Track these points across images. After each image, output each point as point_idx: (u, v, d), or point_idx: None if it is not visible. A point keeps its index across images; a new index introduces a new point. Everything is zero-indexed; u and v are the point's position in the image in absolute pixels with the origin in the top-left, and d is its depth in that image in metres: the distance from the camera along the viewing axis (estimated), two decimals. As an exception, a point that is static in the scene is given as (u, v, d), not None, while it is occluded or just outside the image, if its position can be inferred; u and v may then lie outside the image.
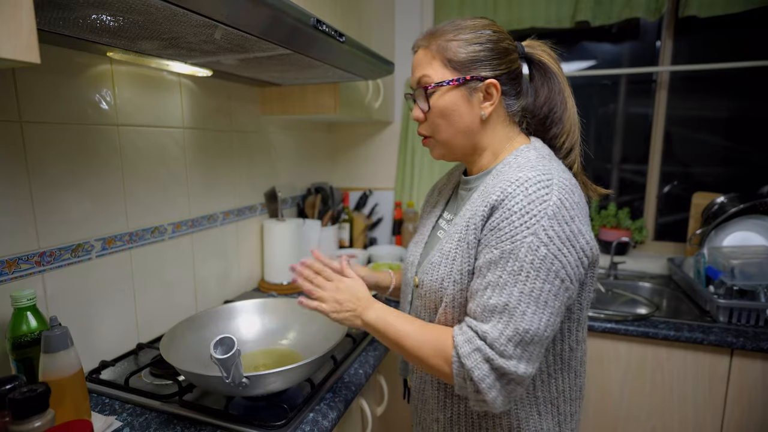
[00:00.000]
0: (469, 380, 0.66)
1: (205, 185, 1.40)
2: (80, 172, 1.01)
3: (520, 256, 0.65)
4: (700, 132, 1.90)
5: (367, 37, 1.62)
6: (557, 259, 0.65)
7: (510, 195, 0.67)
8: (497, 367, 0.65)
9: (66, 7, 0.67)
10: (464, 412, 0.79)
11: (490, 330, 0.65)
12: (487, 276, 0.68)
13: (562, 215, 0.66)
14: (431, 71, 0.77)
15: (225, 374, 0.76)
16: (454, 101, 0.76)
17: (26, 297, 0.81)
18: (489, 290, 0.67)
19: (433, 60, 0.77)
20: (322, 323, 1.07)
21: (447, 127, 0.78)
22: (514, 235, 0.66)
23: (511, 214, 0.67)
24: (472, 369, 0.65)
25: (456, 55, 0.75)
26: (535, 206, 0.65)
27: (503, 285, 0.66)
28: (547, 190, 0.66)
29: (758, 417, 1.32)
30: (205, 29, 0.81)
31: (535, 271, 0.65)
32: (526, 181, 0.68)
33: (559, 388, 0.79)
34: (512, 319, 0.65)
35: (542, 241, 0.64)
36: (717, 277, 1.47)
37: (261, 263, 1.71)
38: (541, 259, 0.64)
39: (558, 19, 1.83)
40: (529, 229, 0.65)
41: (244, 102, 1.56)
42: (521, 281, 0.65)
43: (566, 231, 0.66)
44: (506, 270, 0.66)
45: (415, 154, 2.05)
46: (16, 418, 0.63)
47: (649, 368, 1.41)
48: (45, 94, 0.93)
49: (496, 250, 0.67)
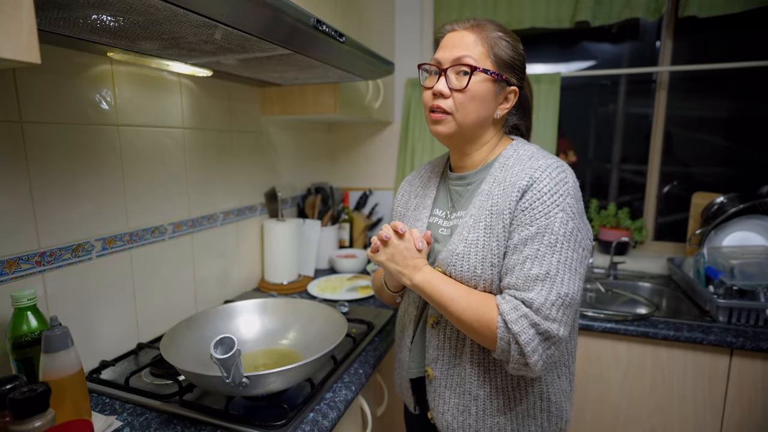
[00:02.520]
0: (515, 344, 0.72)
1: (205, 185, 1.40)
2: (80, 172, 1.01)
3: (555, 230, 0.74)
4: (700, 132, 1.90)
5: (367, 37, 1.62)
6: (580, 231, 0.76)
7: (538, 179, 0.77)
8: (543, 330, 0.72)
9: (66, 7, 0.67)
10: (502, 383, 0.84)
11: (535, 296, 0.72)
12: (524, 251, 0.75)
13: (578, 194, 0.79)
14: (476, 55, 0.81)
15: (225, 374, 0.76)
16: (487, 91, 0.82)
17: (26, 297, 0.81)
18: (528, 262, 0.74)
19: (479, 46, 0.81)
20: (323, 323, 1.07)
21: (473, 110, 0.83)
22: (547, 213, 0.75)
23: (541, 195, 0.76)
24: (519, 333, 0.71)
25: (501, 53, 0.82)
26: (560, 187, 0.76)
27: (542, 256, 0.74)
28: (565, 174, 0.78)
29: (758, 417, 1.32)
30: (205, 29, 0.81)
31: (567, 242, 0.74)
32: (548, 167, 0.78)
33: (569, 349, 0.88)
34: (554, 286, 0.72)
35: (570, 215, 0.75)
36: (717, 277, 1.47)
37: (261, 263, 1.71)
38: (570, 231, 0.75)
39: (558, 19, 1.82)
40: (559, 206, 0.75)
41: (244, 102, 1.56)
42: (557, 251, 0.74)
43: (580, 208, 0.78)
44: (543, 243, 0.74)
45: (415, 154, 2.05)
46: (16, 418, 0.63)
47: (648, 368, 1.41)
48: (45, 94, 0.93)
49: (532, 227, 0.75)
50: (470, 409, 0.86)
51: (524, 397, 0.84)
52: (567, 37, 2.00)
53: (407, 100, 2.05)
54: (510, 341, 0.73)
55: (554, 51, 2.05)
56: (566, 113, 1.98)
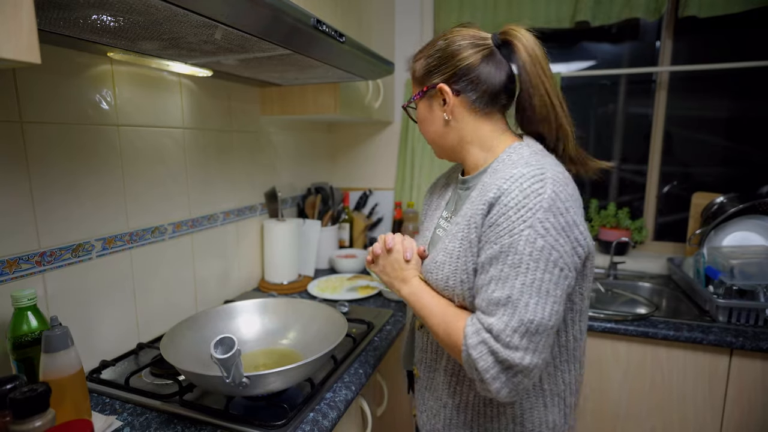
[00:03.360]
0: (474, 370, 0.69)
1: (205, 185, 1.40)
2: (80, 172, 1.01)
3: (519, 249, 0.67)
4: (700, 132, 1.90)
5: (367, 37, 1.62)
6: (554, 249, 0.67)
7: (506, 191, 0.69)
8: (502, 359, 0.66)
9: (66, 7, 0.67)
10: (473, 398, 0.82)
11: (495, 322, 0.67)
12: (490, 271, 0.70)
13: (557, 207, 0.67)
14: (411, 90, 0.89)
15: (225, 374, 0.76)
16: (421, 112, 0.87)
17: (27, 297, 0.81)
18: (492, 284, 0.69)
19: (411, 80, 0.90)
20: (323, 323, 1.07)
21: (425, 133, 0.89)
22: (511, 230, 0.67)
23: (507, 210, 0.68)
24: (477, 359, 0.68)
25: (417, 72, 0.86)
26: (531, 200, 0.67)
27: (505, 278, 0.67)
28: (542, 183, 0.68)
29: (758, 417, 1.32)
30: (205, 29, 0.81)
31: (534, 262, 0.66)
32: (520, 176, 0.69)
33: (566, 380, 0.80)
34: (516, 311, 0.66)
35: (539, 233, 0.66)
36: (716, 277, 1.47)
37: (261, 263, 1.71)
38: (539, 250, 0.66)
39: (558, 19, 1.83)
40: (525, 222, 0.67)
41: (244, 102, 1.56)
42: (522, 273, 0.66)
43: (561, 222, 0.67)
44: (507, 263, 0.68)
45: (415, 154, 2.05)
46: (16, 418, 0.63)
47: (648, 368, 1.41)
48: (45, 94, 0.93)
49: (496, 245, 0.69)
50: (440, 415, 0.86)
51: (495, 417, 0.80)
52: (567, 37, 2.00)
53: (407, 100, 2.04)
54: (471, 366, 0.70)
55: (554, 51, 2.05)
56: (566, 113, 1.97)
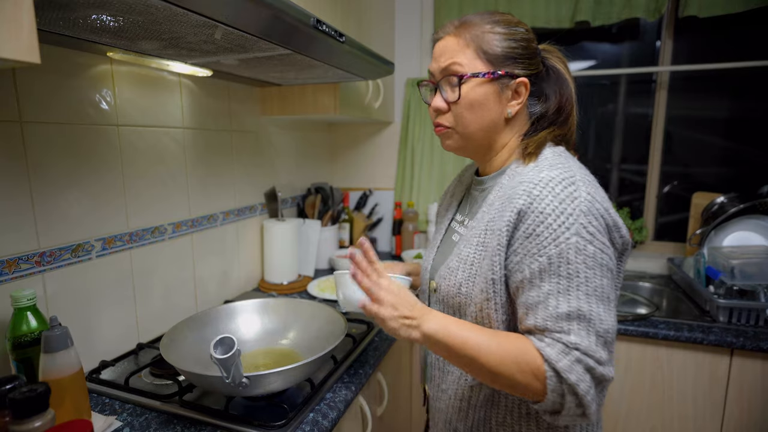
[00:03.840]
0: (572, 395, 0.60)
1: (205, 185, 1.40)
2: (80, 172, 1.01)
3: (571, 258, 0.62)
4: (700, 132, 1.90)
5: (367, 37, 1.62)
6: (604, 252, 0.64)
7: (537, 197, 0.65)
8: (598, 375, 0.61)
9: (66, 7, 0.67)
10: (483, 420, 0.76)
11: (577, 340, 0.61)
12: (543, 286, 0.63)
13: (596, 209, 0.64)
14: (463, 60, 0.73)
15: (225, 374, 0.76)
16: (485, 94, 0.74)
17: (26, 297, 0.81)
18: (552, 299, 0.63)
19: (466, 48, 0.73)
20: (323, 323, 1.07)
21: (473, 120, 0.75)
22: (556, 238, 0.63)
23: (545, 218, 0.64)
24: (576, 383, 0.60)
25: (492, 48, 0.73)
26: (567, 205, 0.63)
27: (565, 291, 0.62)
28: (574, 187, 0.65)
29: (758, 417, 1.32)
30: (205, 29, 0.81)
31: (590, 269, 0.62)
32: (550, 180, 0.65)
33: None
34: (591, 324, 0.61)
35: (586, 239, 0.63)
36: (717, 277, 1.47)
37: (261, 263, 1.71)
38: (591, 256, 0.63)
39: (558, 19, 1.83)
40: (569, 229, 0.62)
41: (244, 102, 1.56)
42: (582, 283, 0.62)
43: (603, 224, 0.65)
44: (561, 275, 0.62)
45: (415, 154, 2.05)
46: (16, 418, 0.63)
47: (648, 368, 1.41)
48: (45, 94, 0.93)
49: (542, 257, 0.63)
50: None
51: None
52: (567, 37, 1.99)
53: (407, 100, 2.04)
54: (565, 393, 0.60)
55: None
56: (566, 113, 1.97)
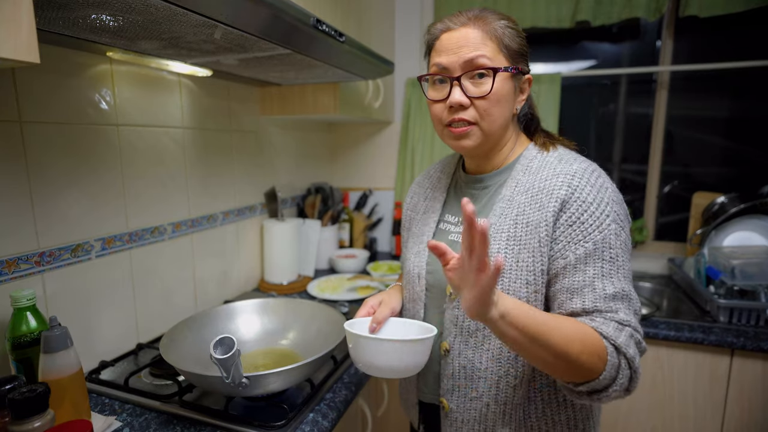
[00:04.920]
0: (627, 368, 0.66)
1: (205, 185, 1.40)
2: (80, 172, 1.01)
3: (612, 243, 0.68)
4: (700, 132, 1.90)
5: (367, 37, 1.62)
6: (629, 237, 0.72)
7: (578, 188, 0.70)
8: (643, 348, 0.68)
9: (66, 7, 0.67)
10: (524, 419, 0.76)
11: (626, 318, 0.67)
12: (588, 270, 0.68)
13: (620, 198, 0.73)
14: (489, 53, 0.71)
15: (225, 374, 0.76)
16: (509, 89, 0.74)
17: (26, 297, 0.81)
18: (598, 282, 0.68)
19: (489, 41, 0.71)
20: (323, 323, 1.07)
21: (500, 115, 0.74)
22: (599, 225, 0.68)
23: (588, 206, 0.69)
24: (633, 357, 0.65)
25: (511, 44, 0.73)
26: (603, 194, 0.70)
27: (609, 274, 0.68)
28: (602, 179, 0.72)
29: (758, 417, 1.32)
30: (205, 29, 0.81)
31: (624, 253, 0.70)
32: (584, 171, 0.71)
33: None
34: (631, 303, 0.68)
35: (621, 225, 0.70)
36: (717, 277, 1.47)
37: (261, 263, 1.71)
38: (623, 241, 0.70)
39: (558, 19, 1.82)
40: (609, 216, 0.69)
41: (244, 102, 1.56)
42: (620, 266, 0.69)
43: (625, 211, 0.73)
44: (605, 259, 0.68)
45: (415, 154, 2.05)
46: (15, 418, 0.63)
47: (649, 368, 1.41)
48: (45, 94, 0.93)
49: (587, 243, 0.68)
50: None
51: (551, 427, 0.76)
52: (567, 37, 1.99)
53: (407, 100, 2.04)
54: (621, 367, 0.64)
55: (554, 51, 2.05)
56: (567, 113, 1.97)
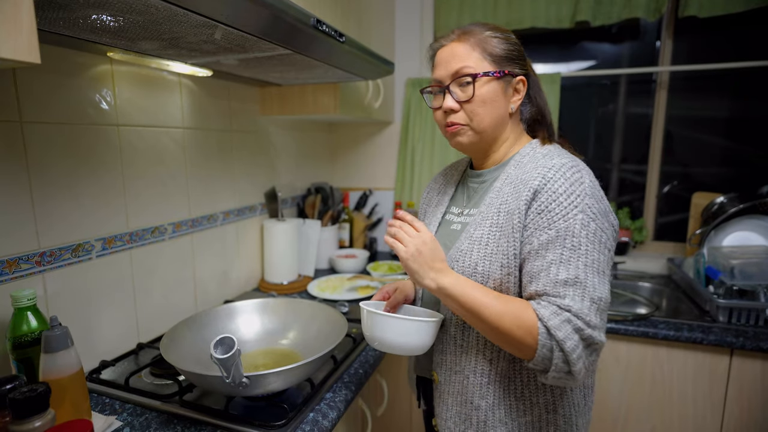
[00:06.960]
0: (559, 351, 0.68)
1: (205, 185, 1.40)
2: (80, 172, 1.01)
3: (576, 232, 0.71)
4: (700, 132, 1.90)
5: (367, 37, 1.62)
6: (603, 231, 0.73)
7: (551, 179, 0.74)
8: (586, 336, 0.68)
9: (66, 7, 0.67)
10: (503, 395, 0.81)
11: (570, 303, 0.69)
12: (547, 256, 0.72)
13: (596, 194, 0.75)
14: (472, 63, 0.81)
15: (225, 374, 0.76)
16: (494, 91, 0.82)
17: (26, 297, 0.81)
18: (554, 267, 0.71)
19: (472, 52, 0.81)
20: (323, 323, 1.07)
21: (486, 114, 0.82)
22: (565, 214, 0.72)
23: (557, 196, 0.73)
24: (564, 340, 0.67)
25: (495, 50, 0.82)
26: (576, 187, 0.73)
27: (567, 260, 0.71)
28: (580, 174, 0.75)
29: (758, 417, 1.32)
30: (205, 29, 0.81)
31: (591, 243, 0.71)
32: (561, 166, 0.75)
33: None
34: (586, 290, 0.70)
35: (590, 216, 0.72)
36: (717, 277, 1.47)
37: (261, 263, 1.71)
38: (593, 232, 0.72)
39: (558, 19, 1.83)
40: (577, 207, 0.72)
41: (244, 102, 1.56)
42: (582, 255, 0.71)
43: (602, 207, 0.75)
44: (566, 247, 0.71)
45: (415, 154, 2.05)
46: (16, 418, 0.63)
47: (648, 368, 1.41)
48: (45, 94, 0.93)
49: (551, 230, 0.72)
50: (471, 419, 0.83)
51: (528, 408, 0.80)
52: (567, 37, 1.99)
53: (407, 100, 2.05)
54: (553, 348, 0.68)
55: (554, 51, 2.05)
56: (566, 113, 1.98)
